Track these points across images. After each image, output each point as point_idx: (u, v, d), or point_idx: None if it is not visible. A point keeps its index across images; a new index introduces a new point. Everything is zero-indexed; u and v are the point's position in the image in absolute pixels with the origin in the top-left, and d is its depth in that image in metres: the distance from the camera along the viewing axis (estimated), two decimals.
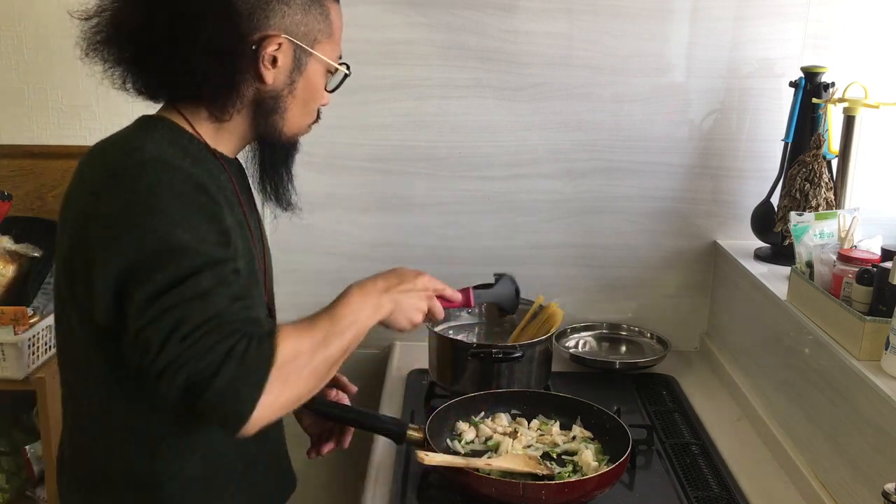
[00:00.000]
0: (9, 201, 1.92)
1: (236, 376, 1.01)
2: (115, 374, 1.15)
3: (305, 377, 1.09)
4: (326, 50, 1.22)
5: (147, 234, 1.05)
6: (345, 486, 2.25)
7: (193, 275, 1.03)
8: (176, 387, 1.01)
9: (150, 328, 1.02)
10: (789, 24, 1.96)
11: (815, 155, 1.80)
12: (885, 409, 1.26)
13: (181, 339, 1.01)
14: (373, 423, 1.51)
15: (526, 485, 1.37)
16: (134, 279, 1.04)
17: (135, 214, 1.06)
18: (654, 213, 2.09)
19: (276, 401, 1.04)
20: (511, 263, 2.11)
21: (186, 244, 1.05)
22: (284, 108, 1.20)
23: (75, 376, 1.21)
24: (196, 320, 1.02)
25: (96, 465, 1.21)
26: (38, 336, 1.77)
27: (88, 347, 1.16)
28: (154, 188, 1.07)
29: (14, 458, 1.95)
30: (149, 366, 1.02)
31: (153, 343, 1.01)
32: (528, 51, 1.99)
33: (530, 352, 1.73)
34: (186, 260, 1.04)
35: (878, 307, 1.38)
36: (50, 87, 2.06)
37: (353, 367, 2.15)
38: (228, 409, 1.02)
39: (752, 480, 1.55)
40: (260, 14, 1.13)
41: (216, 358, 1.01)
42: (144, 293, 1.03)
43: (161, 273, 1.03)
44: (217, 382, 1.00)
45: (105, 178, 1.10)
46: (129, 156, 1.11)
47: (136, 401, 1.15)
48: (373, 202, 2.09)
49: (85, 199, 1.12)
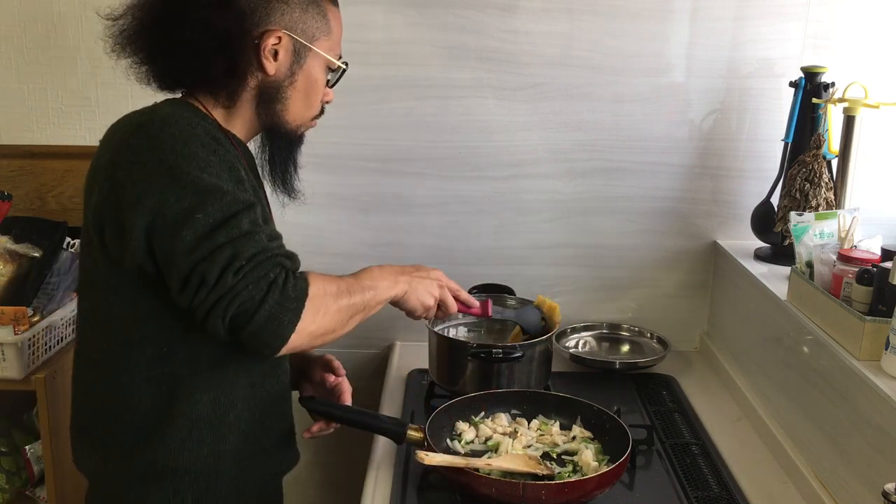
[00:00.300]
0: (9, 201, 1.92)
1: (279, 304, 1.16)
2: (137, 318, 1.26)
3: (332, 313, 1.24)
4: (325, 47, 1.35)
5: (179, 176, 1.16)
6: (345, 486, 2.25)
7: (234, 216, 1.16)
8: (227, 316, 1.14)
9: (205, 263, 1.13)
10: (789, 24, 1.96)
11: (815, 155, 1.80)
12: (885, 409, 1.26)
13: (235, 272, 1.14)
14: (373, 423, 1.51)
15: (526, 485, 1.37)
16: (171, 219, 1.15)
17: (164, 158, 1.17)
18: (654, 213, 2.09)
19: (307, 328, 1.19)
20: (511, 263, 2.12)
21: (220, 187, 1.17)
22: (286, 97, 1.33)
23: (95, 331, 1.31)
24: (247, 255, 1.15)
25: (112, 423, 1.30)
26: (38, 336, 1.77)
27: (111, 296, 1.26)
28: (179, 136, 1.19)
29: (14, 458, 1.95)
30: (203, 298, 1.14)
31: (210, 276, 1.13)
32: (528, 51, 1.99)
33: (530, 352, 1.73)
34: (224, 202, 1.16)
35: (878, 307, 1.38)
36: (50, 87, 2.06)
37: (353, 367, 2.15)
38: (271, 333, 1.16)
39: (752, 480, 1.55)
40: (261, 11, 1.28)
41: (263, 287, 1.15)
42: (192, 233, 1.14)
43: (202, 213, 1.15)
44: (262, 310, 1.14)
45: (131, 129, 1.22)
46: (152, 112, 1.25)
47: (155, 344, 1.26)
48: (373, 202, 2.09)
49: (113, 149, 1.23)
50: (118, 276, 1.24)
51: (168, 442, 1.28)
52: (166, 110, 1.25)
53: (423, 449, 1.42)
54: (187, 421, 1.28)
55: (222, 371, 1.30)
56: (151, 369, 1.26)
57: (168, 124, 1.21)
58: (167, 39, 1.26)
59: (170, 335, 1.26)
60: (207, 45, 1.24)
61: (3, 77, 2.06)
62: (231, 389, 1.31)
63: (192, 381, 1.28)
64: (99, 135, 1.28)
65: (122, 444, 1.29)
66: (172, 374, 1.27)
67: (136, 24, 1.28)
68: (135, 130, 1.22)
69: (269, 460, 1.41)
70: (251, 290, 1.14)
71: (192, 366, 1.27)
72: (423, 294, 1.41)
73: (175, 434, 1.28)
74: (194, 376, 1.28)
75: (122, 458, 1.30)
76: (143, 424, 1.28)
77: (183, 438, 1.28)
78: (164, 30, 1.26)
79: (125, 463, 1.29)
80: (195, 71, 1.28)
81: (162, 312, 1.24)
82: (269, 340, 1.17)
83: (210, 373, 1.29)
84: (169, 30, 1.25)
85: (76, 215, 2.08)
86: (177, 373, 1.27)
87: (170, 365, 1.26)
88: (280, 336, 1.17)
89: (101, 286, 1.28)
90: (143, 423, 1.28)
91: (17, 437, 1.97)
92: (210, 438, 1.30)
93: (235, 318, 1.14)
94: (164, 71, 1.31)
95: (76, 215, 2.08)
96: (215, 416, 1.30)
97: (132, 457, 1.29)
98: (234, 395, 1.32)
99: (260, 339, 1.17)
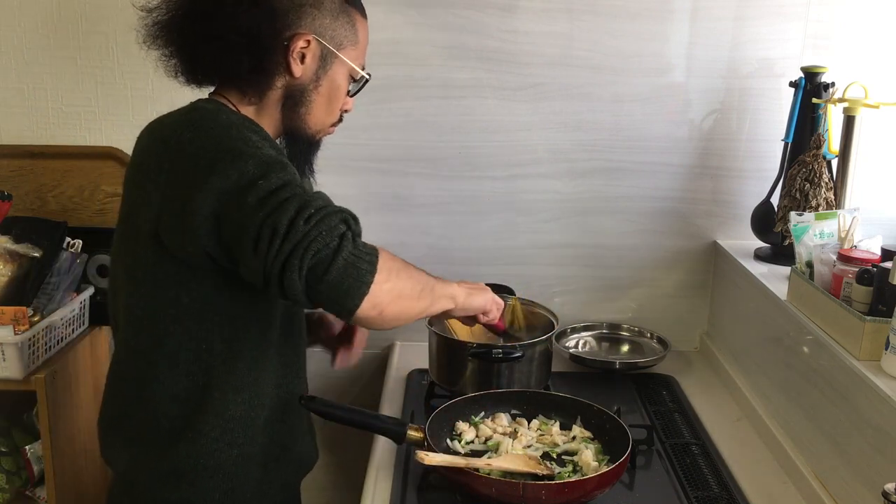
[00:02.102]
0: (9, 201, 1.92)
1: (353, 254, 1.14)
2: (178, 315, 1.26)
3: (404, 278, 1.23)
4: (351, 56, 1.36)
5: (239, 154, 1.17)
6: (345, 485, 2.25)
7: (294, 180, 1.17)
8: (304, 266, 1.11)
9: (274, 215, 1.11)
10: (789, 24, 1.96)
11: (815, 155, 1.80)
12: (885, 409, 1.26)
13: (306, 219, 1.12)
14: (373, 423, 1.51)
15: (526, 485, 1.37)
16: (236, 191, 1.14)
17: (221, 142, 1.19)
18: (654, 213, 2.09)
19: (384, 284, 1.17)
20: (511, 263, 2.12)
21: (280, 159, 1.19)
22: (310, 101, 1.34)
23: (133, 327, 1.30)
24: (314, 205, 1.14)
25: (146, 418, 1.30)
26: (38, 336, 1.77)
27: (154, 290, 1.26)
28: (232, 123, 1.23)
29: (14, 458, 1.95)
30: (277, 250, 1.10)
31: (281, 225, 1.11)
32: (528, 51, 2.00)
33: (530, 352, 1.73)
34: (286, 171, 1.17)
35: (878, 307, 1.38)
36: (50, 87, 2.06)
37: (353, 367, 2.15)
38: (352, 282, 1.13)
39: (752, 480, 1.55)
40: (293, 14, 1.29)
41: (335, 237, 1.13)
42: (256, 195, 1.13)
43: (265, 180, 1.14)
44: (339, 258, 1.12)
45: (181, 126, 1.24)
46: (193, 110, 1.28)
47: (195, 340, 1.26)
48: (373, 202, 2.09)
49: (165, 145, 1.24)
50: (165, 270, 1.24)
51: (201, 440, 1.28)
52: (207, 106, 1.28)
53: (423, 449, 1.42)
54: (221, 420, 1.29)
55: (257, 371, 1.31)
56: (190, 366, 1.27)
57: (217, 115, 1.25)
58: (197, 33, 1.28)
59: (210, 332, 1.27)
60: (236, 40, 1.26)
61: (3, 77, 2.06)
62: (262, 390, 1.32)
63: (228, 380, 1.28)
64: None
65: (155, 439, 1.30)
66: (209, 372, 1.27)
67: (169, 16, 1.30)
68: (184, 127, 1.23)
69: (291, 460, 1.42)
70: (325, 237, 1.12)
71: (228, 363, 1.28)
72: (480, 294, 1.43)
73: (209, 433, 1.28)
74: (230, 374, 1.28)
75: (155, 454, 1.30)
76: (177, 421, 1.29)
77: (216, 438, 1.29)
78: (194, 23, 1.27)
79: (157, 458, 1.30)
80: (224, 67, 1.29)
81: (205, 308, 1.25)
82: (351, 290, 1.14)
83: (246, 372, 1.30)
84: (199, 23, 1.27)
85: (76, 215, 2.08)
86: (214, 371, 1.27)
87: (208, 363, 1.27)
88: (362, 284, 1.14)
89: (145, 280, 1.27)
90: (177, 420, 1.29)
91: (17, 437, 1.97)
92: (241, 439, 1.31)
93: (313, 268, 1.11)
94: (193, 65, 1.32)
95: (76, 215, 2.08)
96: (247, 416, 1.31)
97: (164, 453, 1.29)
98: (264, 396, 1.33)
99: (342, 289, 1.13)
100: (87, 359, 1.94)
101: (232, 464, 1.31)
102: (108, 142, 2.04)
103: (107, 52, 2.01)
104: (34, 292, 1.84)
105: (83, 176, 2.07)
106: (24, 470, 1.94)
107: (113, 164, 2.03)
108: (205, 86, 1.36)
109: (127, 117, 2.03)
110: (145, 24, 1.31)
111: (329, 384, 2.13)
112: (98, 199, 2.08)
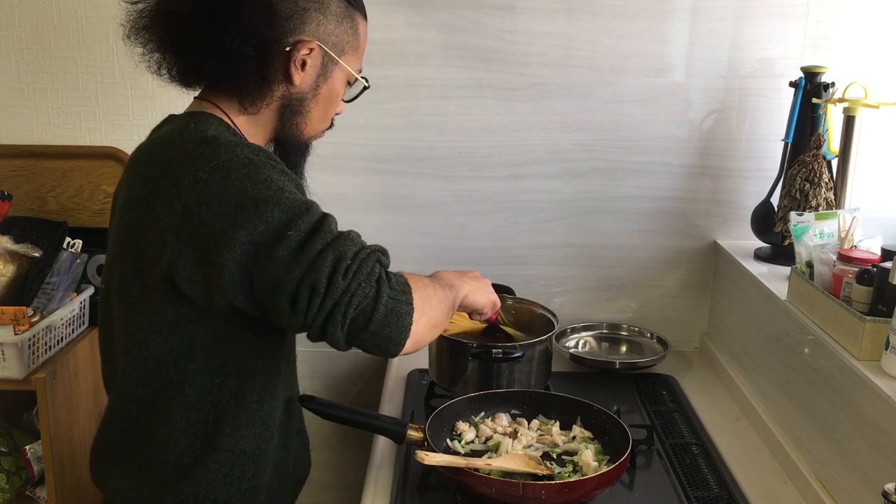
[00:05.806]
0: (9, 201, 1.92)
1: (392, 298, 1.13)
2: (192, 351, 1.20)
3: (436, 304, 1.23)
4: (351, 62, 1.31)
5: (262, 203, 1.11)
6: (345, 485, 2.25)
7: (321, 222, 1.13)
8: (347, 320, 1.10)
9: (311, 274, 1.09)
10: (789, 24, 1.96)
11: (815, 155, 1.80)
12: (885, 409, 1.26)
13: (343, 273, 1.10)
14: (373, 423, 1.51)
15: (526, 485, 1.37)
16: (265, 245, 1.10)
17: (244, 189, 1.12)
18: (654, 213, 2.09)
19: (421, 318, 1.17)
20: (511, 263, 2.12)
21: (302, 201, 1.14)
22: (308, 110, 1.29)
23: (142, 364, 1.23)
24: (350, 255, 1.11)
25: (152, 451, 1.25)
26: (38, 336, 1.77)
27: (164, 329, 1.19)
28: (249, 163, 1.13)
29: (14, 458, 1.95)
30: (318, 308, 1.09)
31: (320, 284, 1.09)
32: (528, 51, 2.00)
33: (530, 352, 1.73)
34: (310, 213, 1.13)
35: (878, 307, 1.38)
36: (50, 87, 2.06)
37: (353, 367, 2.16)
38: (394, 328, 1.14)
39: (752, 480, 1.55)
40: (297, 19, 1.22)
41: (373, 284, 1.12)
42: (287, 249, 1.10)
43: (293, 230, 1.11)
44: (380, 306, 1.12)
45: (191, 159, 1.14)
46: (206, 143, 1.16)
47: (207, 376, 1.22)
48: (373, 202, 2.09)
49: (175, 182, 1.14)
50: (175, 310, 1.18)
51: (210, 476, 1.24)
52: (210, 132, 1.18)
53: (423, 449, 1.42)
54: (231, 455, 1.25)
55: (268, 404, 1.27)
56: (201, 401, 1.22)
57: (233, 150, 1.14)
58: (191, 33, 1.19)
59: (223, 367, 1.22)
60: (236, 44, 1.17)
61: (3, 77, 2.06)
62: (272, 422, 1.29)
63: (239, 415, 1.24)
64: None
65: (162, 472, 1.25)
66: (221, 407, 1.23)
67: (158, 11, 1.21)
68: (199, 165, 1.13)
69: (297, 482, 1.41)
70: (364, 288, 1.11)
71: (240, 398, 1.24)
72: (483, 292, 1.44)
73: (219, 469, 1.24)
74: (242, 409, 1.24)
75: (160, 487, 1.25)
76: (186, 456, 1.24)
77: (226, 473, 1.25)
78: (191, 23, 1.19)
79: (163, 492, 1.25)
80: (219, 73, 1.21)
81: (217, 345, 1.21)
82: (393, 335, 1.14)
83: (257, 405, 1.26)
84: (196, 23, 1.18)
85: (76, 215, 2.08)
86: (225, 405, 1.23)
87: (219, 398, 1.23)
88: (403, 328, 1.14)
89: (155, 319, 1.20)
90: (186, 454, 1.24)
91: (17, 437, 1.97)
92: (251, 472, 1.27)
93: (355, 320, 1.11)
94: (183, 69, 1.24)
95: (76, 215, 2.08)
96: (258, 449, 1.27)
97: (172, 487, 1.24)
98: (273, 427, 1.29)
99: (384, 336, 1.14)
100: (87, 359, 1.94)
101: (241, 497, 1.27)
102: (108, 142, 2.04)
103: (107, 52, 2.01)
104: (34, 292, 1.84)
105: (83, 176, 2.07)
106: (24, 470, 1.94)
107: (113, 164, 2.03)
108: (194, 88, 1.29)
109: (127, 117, 2.03)
110: (131, 19, 1.23)
111: (329, 384, 2.13)
112: (98, 199, 2.08)
